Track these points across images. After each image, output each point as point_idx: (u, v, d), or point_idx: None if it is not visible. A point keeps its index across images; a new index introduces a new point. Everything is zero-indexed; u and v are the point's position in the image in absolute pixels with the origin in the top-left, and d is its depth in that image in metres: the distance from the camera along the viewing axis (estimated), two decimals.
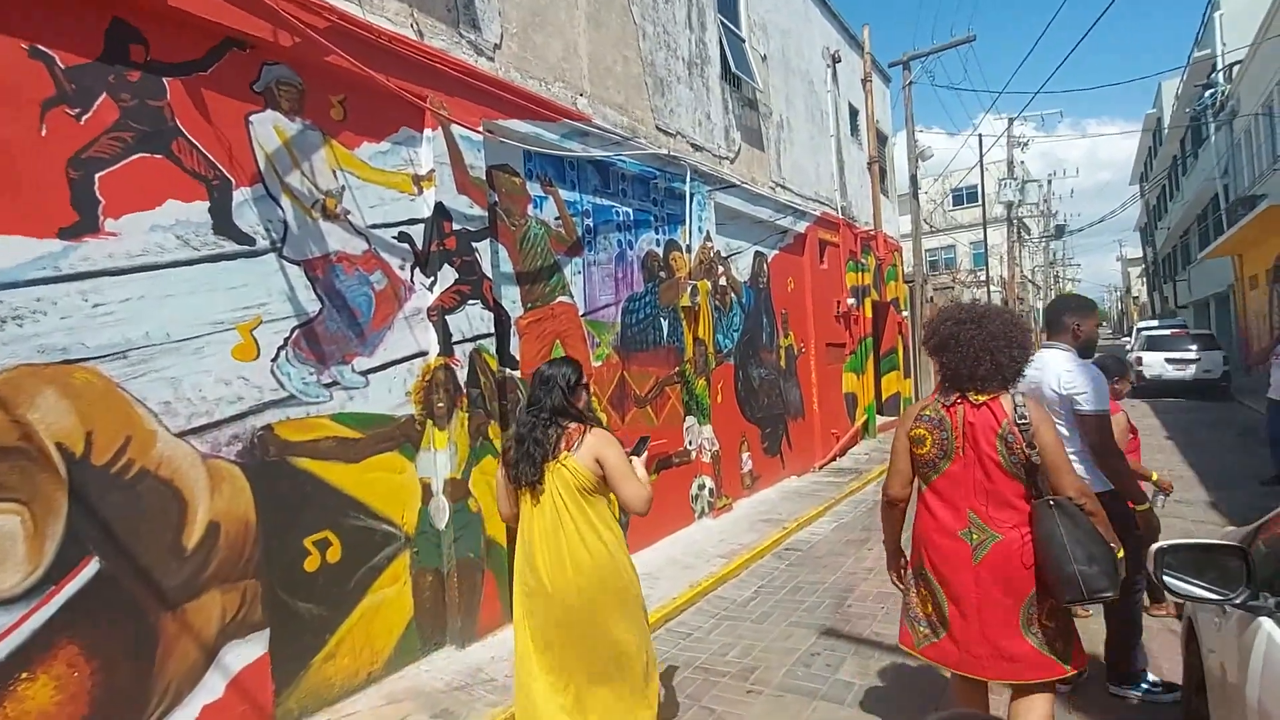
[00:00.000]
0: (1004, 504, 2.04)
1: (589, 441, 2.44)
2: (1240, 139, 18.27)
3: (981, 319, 2.13)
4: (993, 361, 2.07)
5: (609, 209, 5.61)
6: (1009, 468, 2.01)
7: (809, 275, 9.45)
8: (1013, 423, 2.01)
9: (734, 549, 5.67)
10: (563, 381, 2.52)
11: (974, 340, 2.08)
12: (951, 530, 2.09)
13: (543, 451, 2.44)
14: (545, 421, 2.48)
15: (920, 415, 2.19)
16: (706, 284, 6.70)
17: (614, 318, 5.57)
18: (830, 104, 10.62)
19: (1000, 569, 2.02)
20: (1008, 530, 2.02)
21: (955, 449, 2.07)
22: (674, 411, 6.27)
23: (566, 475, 2.41)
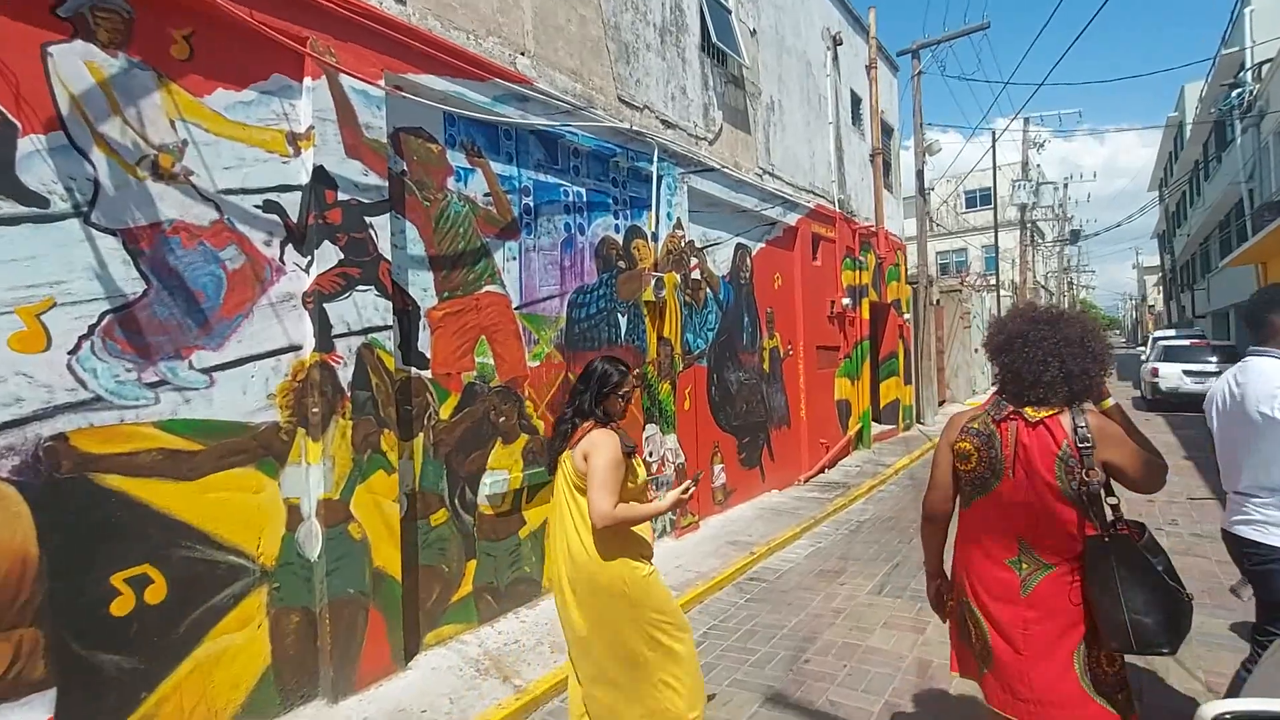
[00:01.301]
0: (1060, 533, 1.84)
1: (586, 439, 2.45)
2: (1269, 141, 17.36)
3: (1057, 321, 1.93)
4: (1061, 369, 1.86)
5: (555, 188, 4.91)
6: (1068, 494, 1.81)
7: (799, 272, 8.72)
8: (1073, 444, 1.81)
9: (689, 578, 4.97)
10: (596, 383, 2.55)
11: (1044, 342, 1.89)
12: (998, 558, 1.92)
13: (558, 445, 2.57)
14: (569, 418, 2.56)
15: (967, 428, 1.99)
16: (675, 277, 5.99)
17: (558, 311, 4.87)
18: (830, 89, 9.87)
19: (1051, 604, 1.84)
20: (1062, 561, 1.84)
21: (1005, 469, 1.90)
22: (632, 419, 5.57)
23: (565, 470, 2.50)
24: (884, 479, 8.52)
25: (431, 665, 3.71)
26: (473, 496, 4.18)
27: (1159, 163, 37.00)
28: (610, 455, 2.36)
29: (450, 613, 4.03)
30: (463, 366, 4.14)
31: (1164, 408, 14.15)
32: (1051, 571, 1.84)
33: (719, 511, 6.75)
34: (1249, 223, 18.05)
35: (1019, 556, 1.88)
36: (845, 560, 5.41)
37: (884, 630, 3.98)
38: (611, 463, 2.35)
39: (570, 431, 2.51)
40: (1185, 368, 14.01)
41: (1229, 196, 20.85)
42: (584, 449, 2.41)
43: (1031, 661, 1.85)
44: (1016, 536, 1.88)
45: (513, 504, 4.44)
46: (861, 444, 10.53)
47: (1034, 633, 1.85)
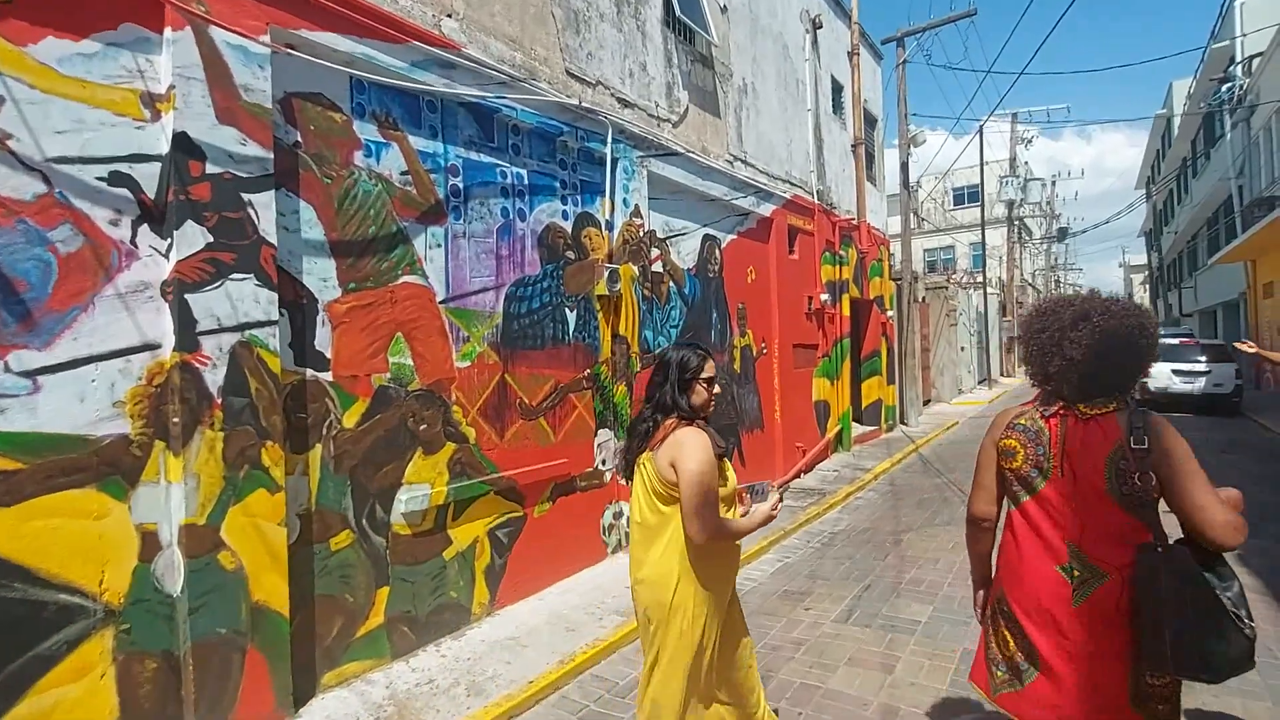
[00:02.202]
0: (1114, 539, 1.70)
1: (668, 441, 2.14)
2: (1259, 136, 17.09)
3: (1104, 312, 1.77)
4: (1111, 366, 1.75)
5: (490, 168, 4.41)
6: (1118, 498, 1.68)
7: (775, 265, 8.26)
8: (1127, 445, 1.67)
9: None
10: (676, 371, 2.23)
11: (1087, 338, 1.75)
12: (1047, 563, 1.78)
13: (636, 446, 2.27)
14: (649, 415, 2.25)
15: (1013, 424, 1.88)
16: (632, 269, 5.51)
17: (493, 306, 4.38)
18: (809, 74, 9.41)
19: (1106, 616, 1.70)
20: (1116, 571, 1.69)
21: (1053, 467, 1.77)
22: (581, 424, 5.09)
23: (644, 475, 2.22)
24: (862, 485, 8.09)
25: (326, 712, 3.22)
26: (385, 515, 3.69)
27: (1146, 160, 36.90)
28: (705, 460, 2.06)
29: (356, 648, 3.53)
30: (373, 368, 3.64)
31: (1153, 408, 13.73)
32: (1106, 581, 1.69)
33: None
34: (1238, 219, 17.81)
35: (1070, 563, 1.74)
36: (813, 579, 4.95)
37: (848, 668, 3.53)
38: (708, 469, 2.06)
39: (650, 431, 2.21)
40: (1175, 367, 13.69)
41: (1218, 193, 20.63)
42: (670, 452, 2.10)
43: (1083, 675, 1.71)
44: (1066, 541, 1.74)
45: (436, 522, 3.95)
46: (841, 447, 10.11)
47: (1085, 646, 1.70)
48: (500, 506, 4.37)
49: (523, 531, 4.53)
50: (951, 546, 5.48)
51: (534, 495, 4.63)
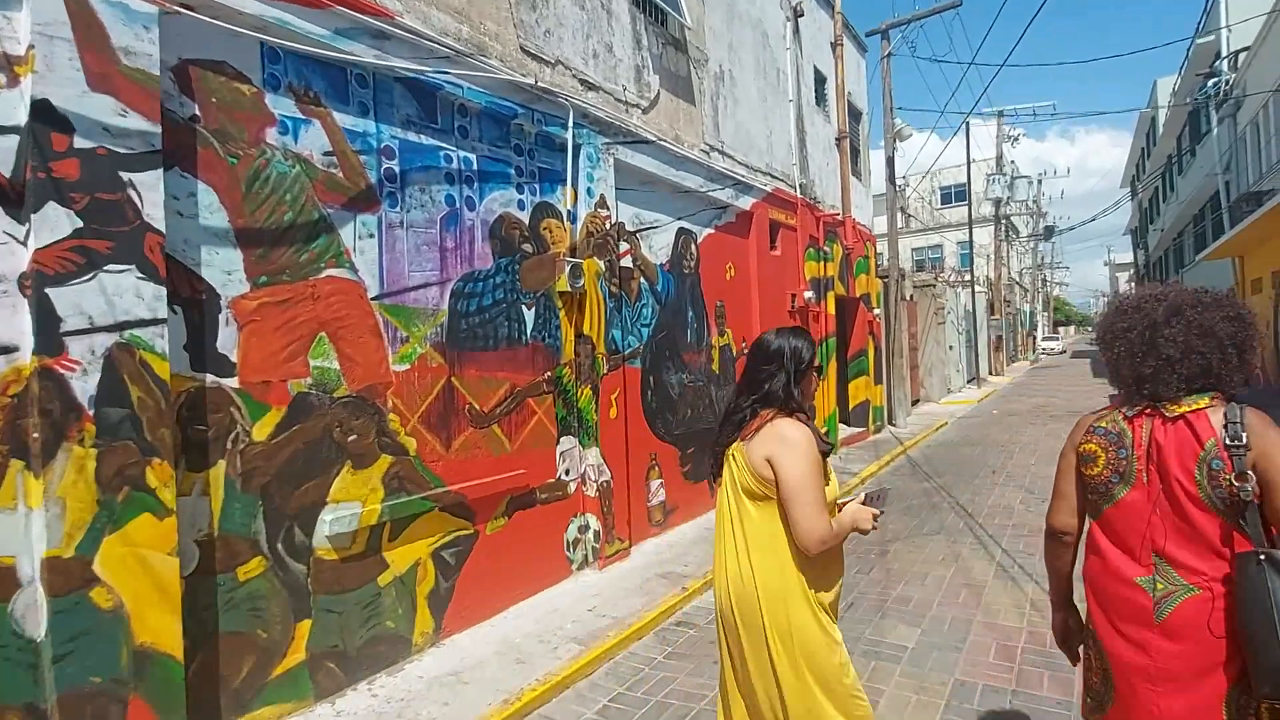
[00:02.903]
0: (1204, 548, 1.53)
1: (765, 432, 1.91)
2: (1246, 131, 16.94)
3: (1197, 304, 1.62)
4: (1211, 362, 1.57)
5: (433, 151, 4.01)
6: (1210, 503, 1.51)
7: (755, 261, 7.90)
8: (1221, 444, 1.49)
9: (603, 625, 4.11)
10: (791, 361, 1.99)
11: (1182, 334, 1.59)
12: (1126, 576, 1.62)
13: (726, 436, 2.03)
14: (747, 405, 2.00)
15: (1094, 428, 1.73)
16: (597, 264, 5.12)
17: (437, 303, 3.98)
18: (790, 64, 9.06)
19: (1193, 634, 1.51)
20: (1207, 583, 1.51)
21: (1136, 472, 1.61)
22: (540, 432, 4.70)
23: (733, 468, 1.98)
24: (847, 490, 7.72)
25: None
26: (306, 538, 3.28)
27: (1131, 159, 36.94)
28: (813, 457, 1.85)
29: (271, 691, 3.12)
30: (290, 372, 3.23)
31: None
32: (1195, 595, 1.53)
33: (656, 534, 5.91)
34: (1226, 215, 17.65)
35: (1153, 575, 1.59)
36: None
37: None
38: (816, 467, 1.85)
39: (745, 421, 1.98)
40: None
41: (1205, 189, 20.50)
42: (768, 445, 1.88)
43: (1166, 699, 1.56)
44: (1150, 551, 1.60)
45: (368, 544, 3.54)
46: None
47: (1170, 666, 1.55)
48: (446, 524, 3.97)
49: (473, 551, 4.13)
50: (941, 559, 5.13)
51: (486, 510, 4.23)
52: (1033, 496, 6.87)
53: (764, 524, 1.91)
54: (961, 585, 4.57)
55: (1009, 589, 4.45)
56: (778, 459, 1.83)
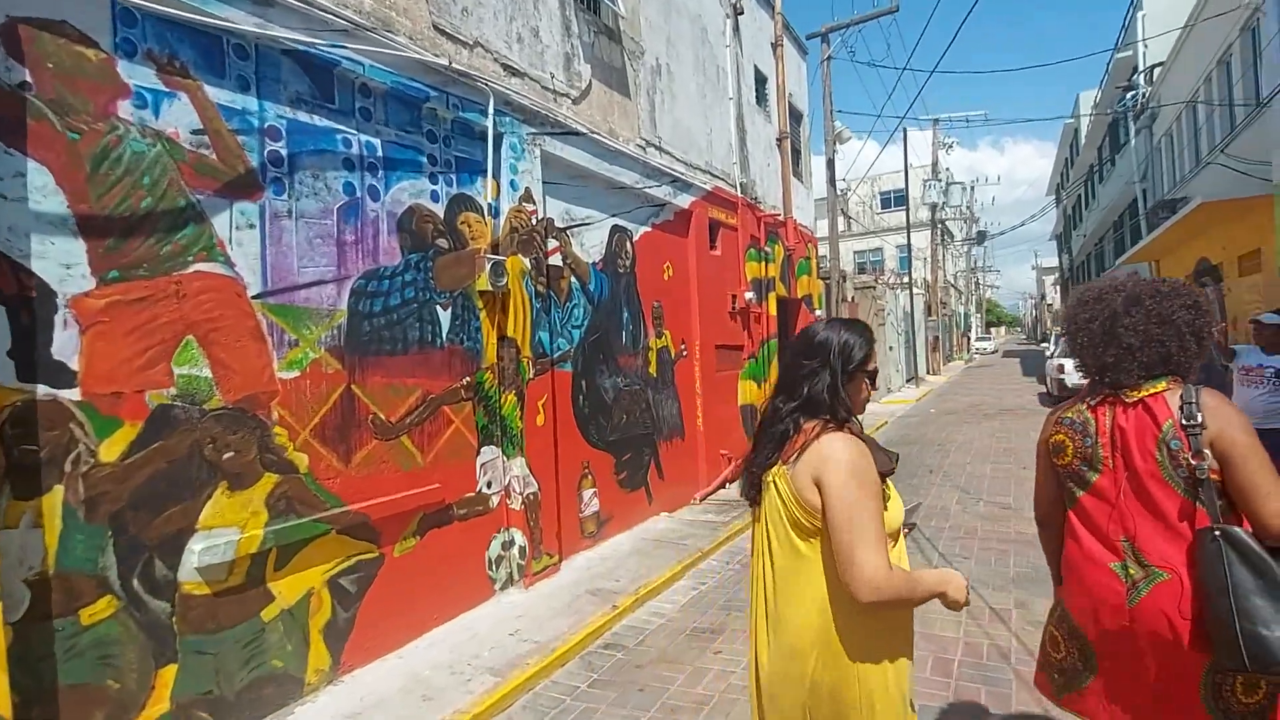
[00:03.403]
0: (1169, 530, 1.58)
1: (813, 450, 1.51)
2: (1161, 142, 17.81)
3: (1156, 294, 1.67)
4: (1170, 350, 1.64)
5: (329, 134, 3.62)
6: (1172, 482, 1.57)
7: (695, 261, 7.69)
8: (1178, 424, 1.56)
9: (524, 651, 3.79)
10: (839, 357, 1.59)
11: (1142, 323, 1.65)
12: (1101, 561, 1.68)
13: (764, 456, 1.62)
14: (787, 414, 1.60)
15: (1061, 418, 1.79)
16: (522, 261, 4.80)
17: (333, 302, 3.59)
18: (730, 61, 8.91)
19: (1164, 618, 1.56)
20: (1174, 568, 1.57)
21: (1102, 459, 1.67)
22: (458, 442, 4.34)
23: (776, 497, 1.57)
24: None
25: None
26: (170, 572, 2.86)
27: (1056, 168, 38.65)
28: (867, 478, 1.47)
29: None
30: (148, 382, 2.81)
31: None
32: (1164, 580, 1.58)
33: (588, 546, 5.61)
34: (1143, 222, 18.51)
35: (1124, 561, 1.65)
36: (727, 611, 4.35)
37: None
38: (871, 491, 1.47)
39: (788, 435, 1.59)
40: None
41: (1123, 197, 21.50)
42: (815, 466, 1.49)
43: (1142, 688, 1.62)
44: (1120, 536, 1.66)
45: (249, 574, 3.13)
46: None
47: (1147, 644, 1.60)
48: (345, 548, 3.58)
49: (378, 576, 3.75)
50: None
51: (394, 530, 3.86)
52: (968, 497, 6.87)
53: (820, 567, 1.52)
54: None
55: None
56: (826, 481, 1.47)
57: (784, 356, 1.71)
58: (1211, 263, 13.32)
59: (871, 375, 1.65)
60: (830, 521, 1.46)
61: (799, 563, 1.53)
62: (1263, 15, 9.48)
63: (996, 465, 8.39)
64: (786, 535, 1.55)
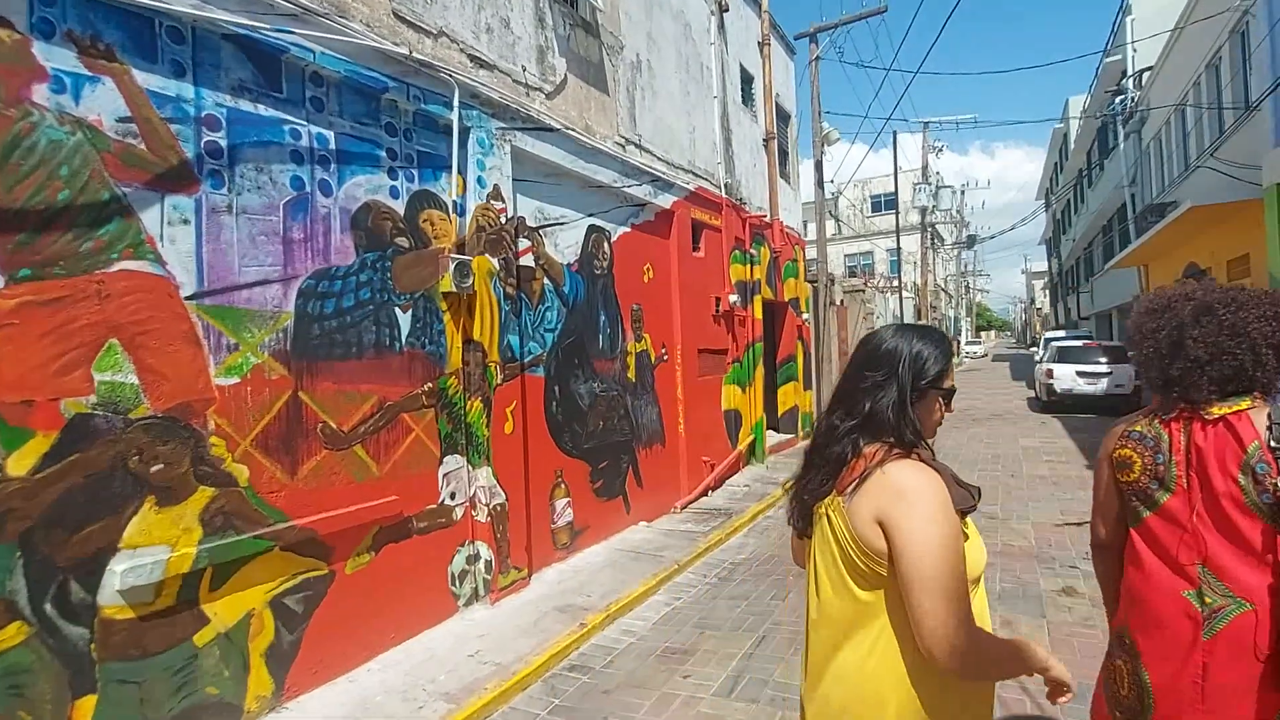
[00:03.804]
0: (1249, 557, 1.44)
1: (876, 481, 1.27)
2: (1150, 147, 17.80)
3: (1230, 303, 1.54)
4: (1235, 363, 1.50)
5: (275, 125, 3.41)
6: (1255, 508, 1.43)
7: (677, 263, 7.51)
8: (1265, 446, 1.42)
9: (483, 674, 3.58)
10: (909, 370, 1.36)
11: (1213, 335, 1.52)
12: (1170, 589, 1.52)
13: (817, 482, 1.38)
14: (845, 434, 1.36)
15: (1128, 433, 1.65)
16: (490, 262, 4.60)
17: (279, 304, 3.37)
18: (715, 59, 8.74)
19: (1242, 652, 1.42)
20: (1256, 598, 1.42)
21: (1175, 478, 1.54)
22: (418, 451, 4.13)
23: (827, 532, 1.35)
24: (773, 501, 7.43)
25: None
26: (89, 595, 2.64)
27: (1045, 173, 38.77)
28: (946, 522, 1.23)
29: None
30: (64, 389, 2.59)
31: (1058, 409, 13.96)
32: (1245, 611, 1.43)
33: (562, 558, 5.40)
34: (1132, 226, 18.48)
35: (1200, 589, 1.49)
36: (701, 630, 4.16)
37: None
38: (952, 536, 1.22)
39: (844, 460, 1.35)
40: (1079, 369, 13.87)
41: (1112, 201, 21.50)
42: (879, 502, 1.26)
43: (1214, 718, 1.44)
44: (1194, 562, 1.50)
45: (180, 596, 2.92)
46: (754, 459, 9.47)
47: (1220, 685, 1.43)
48: (290, 565, 3.36)
49: (328, 595, 3.53)
50: None
51: (346, 546, 3.64)
52: None
53: (881, 621, 1.29)
54: None
55: None
56: (894, 522, 1.23)
57: (846, 366, 1.49)
58: (1200, 267, 13.26)
59: (947, 394, 1.40)
60: (900, 572, 1.22)
61: (857, 613, 1.30)
62: (1252, 19, 9.40)
63: (984, 473, 8.24)
64: (842, 581, 1.32)
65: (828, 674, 1.34)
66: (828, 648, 1.35)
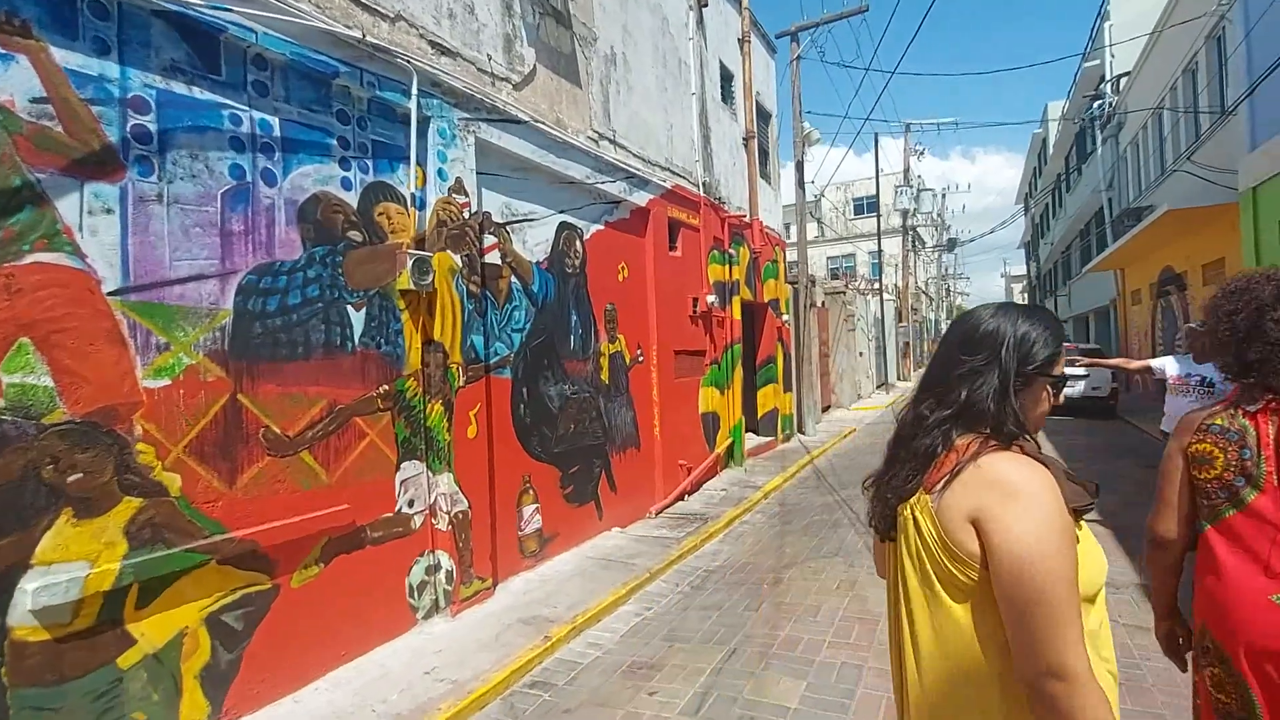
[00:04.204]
0: None
1: (970, 477, 1.11)
2: (1127, 151, 17.95)
3: None
4: None
5: (212, 109, 3.19)
6: None
7: (652, 262, 7.34)
8: None
9: (438, 693, 3.39)
10: (1014, 354, 1.19)
11: None
12: (1256, 593, 1.46)
13: (901, 479, 1.22)
14: (936, 424, 1.21)
15: (1207, 425, 1.58)
16: (452, 258, 4.41)
17: (215, 300, 3.16)
18: (693, 55, 8.60)
19: None
20: None
21: (1266, 474, 1.47)
22: (373, 457, 3.93)
23: (911, 534, 1.19)
24: (750, 506, 7.29)
25: None
26: None
27: (1024, 177, 39.17)
28: (1056, 525, 1.05)
29: None
30: None
31: None
32: None
33: (529, 566, 5.21)
34: (1109, 230, 18.63)
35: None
36: (670, 643, 3.99)
37: None
38: (1063, 543, 1.04)
39: (935, 454, 1.20)
40: None
41: (1090, 205, 21.69)
42: (974, 498, 1.10)
43: None
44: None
45: (102, 615, 2.70)
46: (733, 462, 9.33)
47: None
48: (229, 580, 3.15)
49: (271, 610, 3.32)
50: (836, 587, 4.68)
51: (292, 558, 3.43)
52: None
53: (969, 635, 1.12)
54: (856, 620, 4.12)
55: None
56: (992, 522, 1.07)
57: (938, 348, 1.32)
58: (1175, 271, 13.35)
59: (1056, 383, 1.24)
60: (998, 582, 1.05)
61: (950, 628, 1.13)
62: (1229, 23, 9.43)
63: None
64: (931, 590, 1.16)
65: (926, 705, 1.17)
66: (920, 669, 1.19)
